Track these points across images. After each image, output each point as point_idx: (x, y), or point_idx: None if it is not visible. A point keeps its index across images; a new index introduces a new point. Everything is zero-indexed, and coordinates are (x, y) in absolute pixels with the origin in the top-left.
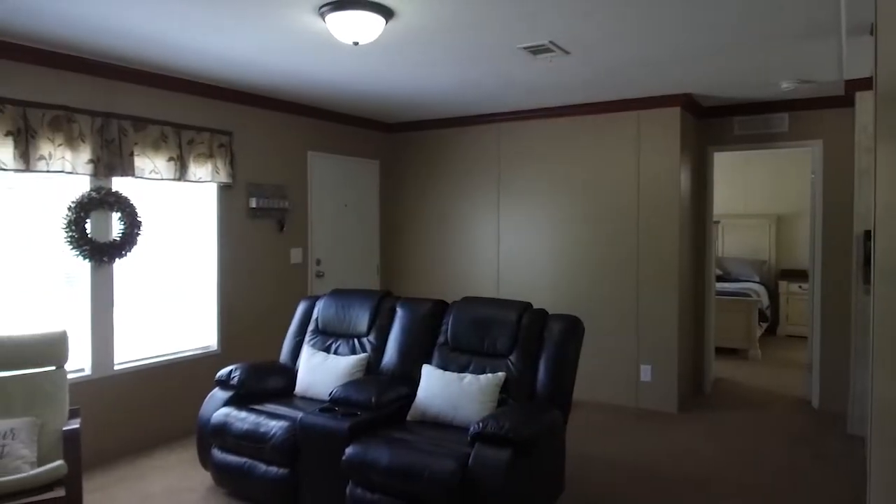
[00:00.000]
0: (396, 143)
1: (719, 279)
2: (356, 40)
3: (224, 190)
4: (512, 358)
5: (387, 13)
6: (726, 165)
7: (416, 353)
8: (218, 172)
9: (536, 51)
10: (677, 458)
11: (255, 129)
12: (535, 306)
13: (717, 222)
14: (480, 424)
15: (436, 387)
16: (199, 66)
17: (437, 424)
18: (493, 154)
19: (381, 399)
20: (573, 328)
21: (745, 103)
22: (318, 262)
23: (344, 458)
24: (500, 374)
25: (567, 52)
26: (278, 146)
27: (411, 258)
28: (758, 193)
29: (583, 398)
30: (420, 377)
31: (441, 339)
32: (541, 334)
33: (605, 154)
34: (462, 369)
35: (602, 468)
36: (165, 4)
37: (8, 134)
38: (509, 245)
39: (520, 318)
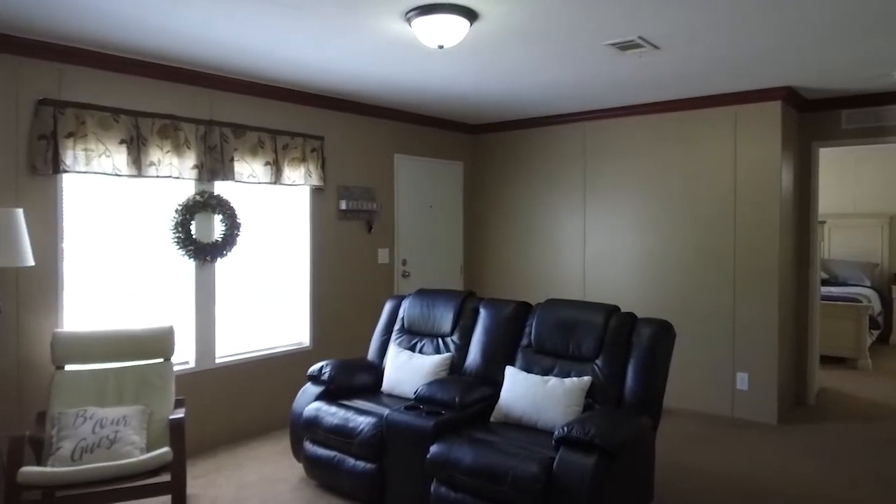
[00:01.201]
0: (480, 144)
1: (825, 283)
2: (441, 44)
3: (316, 193)
4: (598, 362)
5: (471, 15)
6: (833, 162)
7: (500, 354)
8: (310, 176)
9: (625, 47)
10: (774, 471)
11: (344, 134)
12: (623, 310)
13: (823, 223)
14: (565, 429)
15: (519, 389)
16: (292, 74)
17: (520, 427)
18: (578, 153)
19: (465, 399)
20: (664, 332)
21: (853, 95)
22: (404, 263)
23: (428, 456)
24: (586, 379)
25: (657, 47)
26: (366, 149)
27: (494, 259)
28: (869, 192)
29: (674, 405)
30: (503, 379)
31: (524, 341)
32: (629, 338)
33: (698, 151)
34: (546, 372)
35: (693, 478)
36: (260, 16)
37: (122, 142)
38: (596, 246)
39: (607, 322)
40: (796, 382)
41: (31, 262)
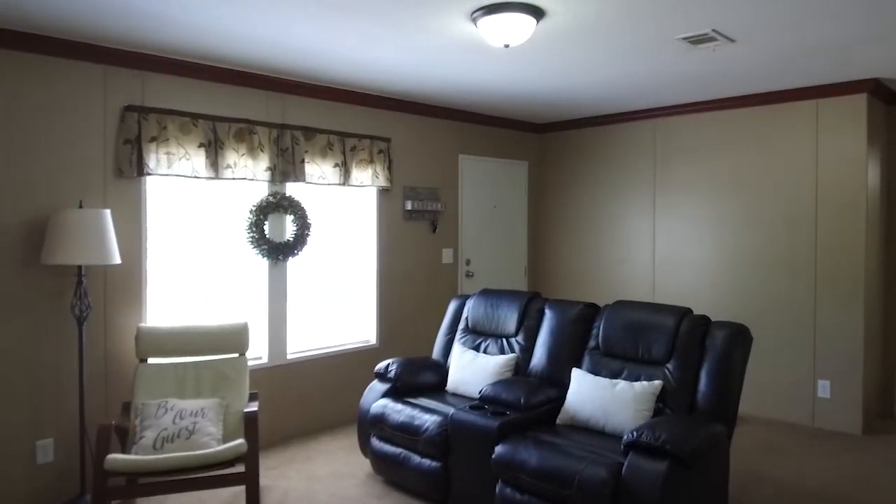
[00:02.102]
0: (546, 143)
1: None
2: (507, 43)
3: (382, 193)
4: (669, 366)
5: (538, 13)
6: None
7: (566, 356)
8: (377, 177)
9: (697, 41)
10: (858, 485)
11: (410, 135)
12: (696, 312)
13: None
14: (635, 433)
15: (586, 392)
16: (361, 76)
17: (587, 430)
18: (648, 151)
19: (530, 400)
20: (740, 337)
21: None
22: (468, 263)
23: (493, 456)
24: (657, 383)
25: (732, 40)
26: (431, 150)
27: (560, 259)
28: None
29: (749, 413)
30: (569, 381)
31: (592, 343)
32: (702, 342)
33: (776, 147)
34: (614, 375)
35: (770, 489)
36: (328, 20)
37: (200, 146)
38: (666, 247)
39: (678, 325)
40: (883, 392)
41: (118, 260)
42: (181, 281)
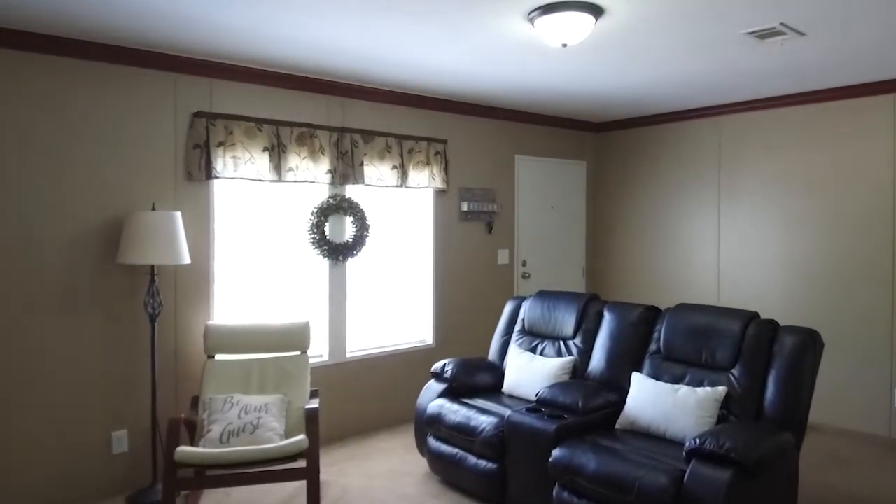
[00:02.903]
0: (605, 142)
1: None
2: (565, 42)
3: (439, 195)
4: (734, 372)
5: (596, 11)
6: None
7: (625, 360)
8: (434, 178)
9: (764, 35)
10: None
11: (466, 136)
12: (763, 317)
13: None
14: (697, 440)
15: (647, 397)
16: (417, 79)
17: (647, 436)
18: (712, 149)
19: (588, 404)
20: (810, 343)
21: None
22: (524, 264)
23: (550, 459)
24: (721, 389)
25: (801, 34)
26: (488, 151)
27: (620, 261)
28: None
29: (821, 422)
30: (629, 385)
31: (653, 346)
32: (770, 348)
33: (849, 144)
34: (676, 380)
35: (842, 502)
36: (390, 25)
37: (264, 150)
38: (732, 249)
39: (745, 329)
40: None
41: (188, 260)
42: (245, 280)
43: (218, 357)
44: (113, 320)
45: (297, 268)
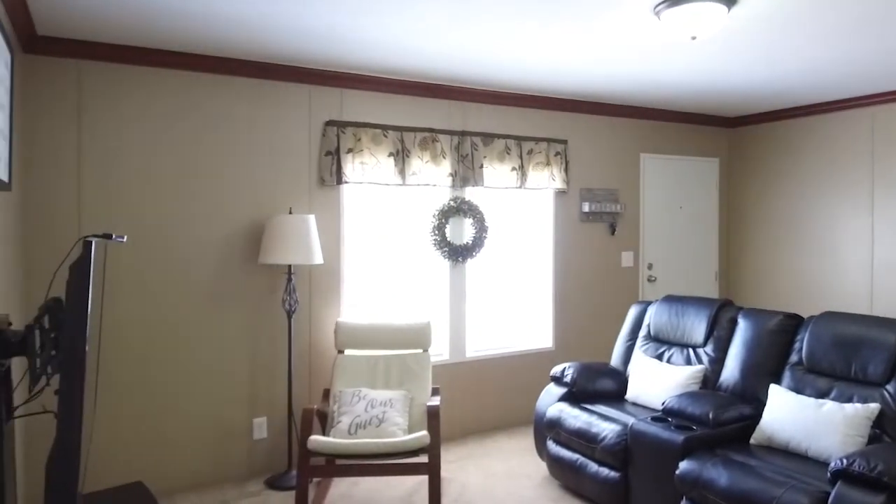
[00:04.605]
0: (739, 138)
1: None
2: (694, 35)
3: (559, 196)
4: (890, 388)
5: (729, 1)
6: None
7: (762, 370)
8: (553, 179)
9: None
10: None
11: (587, 136)
12: None
13: None
14: (845, 461)
15: (786, 411)
16: (537, 80)
17: (786, 453)
18: (863, 142)
19: (719, 416)
20: None
21: None
22: (650, 267)
23: (677, 472)
24: (873, 406)
25: None
26: (610, 150)
27: (755, 265)
28: None
29: None
30: (766, 398)
31: (793, 357)
32: None
33: None
34: (821, 395)
35: None
36: (511, 27)
37: (389, 155)
38: (889, 252)
39: None
40: None
41: (321, 260)
42: (371, 279)
43: (347, 352)
44: (255, 315)
45: (419, 268)
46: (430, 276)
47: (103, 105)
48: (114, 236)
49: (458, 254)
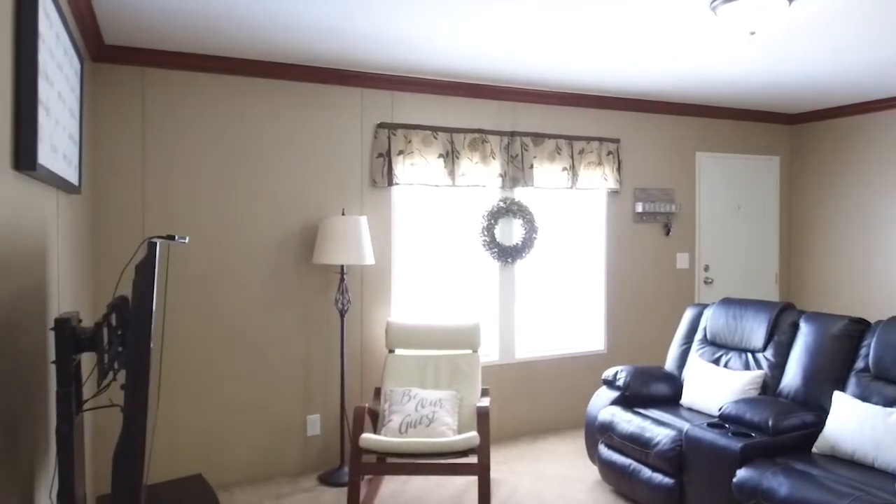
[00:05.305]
0: (801, 135)
1: None
2: (753, 30)
3: (611, 196)
4: None
5: None
6: None
7: (825, 377)
8: (606, 179)
9: None
10: None
11: (641, 135)
12: None
13: None
14: None
15: (852, 420)
16: (589, 79)
17: (851, 463)
18: None
19: (779, 423)
20: None
21: None
22: (706, 269)
23: (735, 480)
24: None
25: None
26: (664, 149)
27: (818, 267)
28: None
29: None
30: (829, 405)
31: (859, 364)
32: None
33: None
34: (889, 403)
35: None
36: (556, 21)
37: (439, 156)
38: None
39: None
40: None
41: (372, 261)
42: (420, 280)
43: (397, 352)
44: (308, 314)
45: (468, 269)
46: (479, 277)
47: (165, 110)
48: (176, 237)
49: (507, 255)
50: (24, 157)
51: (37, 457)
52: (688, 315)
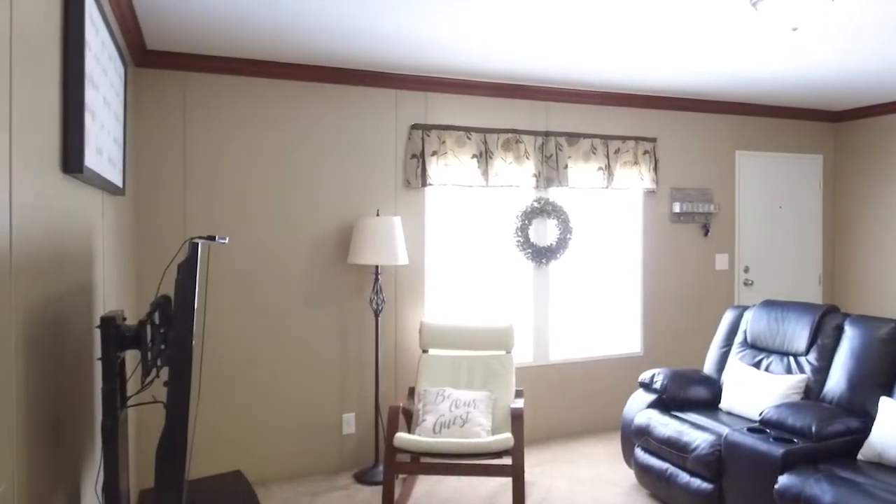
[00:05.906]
0: (846, 132)
1: None
2: (795, 26)
3: (648, 196)
4: None
5: None
6: None
7: (872, 382)
8: (642, 179)
9: None
10: None
11: (678, 133)
12: None
13: None
14: None
15: None
16: (625, 78)
17: None
18: None
19: (823, 429)
20: None
21: None
22: (746, 270)
23: (776, 486)
24: None
25: None
26: (702, 148)
27: (863, 268)
28: None
29: None
30: (876, 411)
31: None
32: None
33: None
34: None
35: None
36: (592, 20)
37: (473, 157)
38: None
39: None
40: None
41: (406, 261)
42: (454, 280)
43: (431, 352)
44: (344, 314)
45: (502, 270)
46: (513, 277)
47: (205, 114)
48: (217, 238)
49: (541, 255)
50: (72, 160)
51: (83, 451)
52: (727, 317)
